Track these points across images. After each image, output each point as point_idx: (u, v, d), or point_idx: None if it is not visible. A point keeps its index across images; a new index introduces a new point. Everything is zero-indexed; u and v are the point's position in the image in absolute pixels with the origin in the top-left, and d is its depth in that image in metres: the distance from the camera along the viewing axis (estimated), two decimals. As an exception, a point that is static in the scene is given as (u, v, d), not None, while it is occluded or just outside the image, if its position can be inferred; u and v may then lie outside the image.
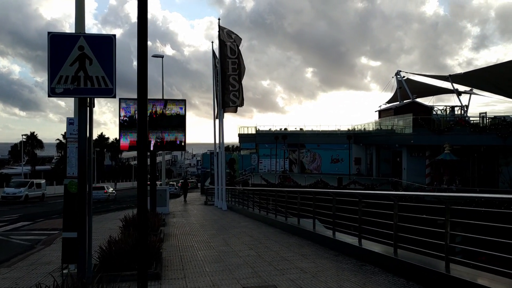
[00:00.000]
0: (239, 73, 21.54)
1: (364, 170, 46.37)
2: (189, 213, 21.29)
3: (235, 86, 21.41)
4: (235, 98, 21.39)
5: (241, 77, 21.65)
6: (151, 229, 11.14)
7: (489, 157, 31.24)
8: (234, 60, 21.36)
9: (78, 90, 4.66)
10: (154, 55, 28.98)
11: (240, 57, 21.74)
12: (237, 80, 21.44)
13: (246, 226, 14.07)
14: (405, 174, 34.96)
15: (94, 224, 16.81)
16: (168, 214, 20.49)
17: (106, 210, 29.58)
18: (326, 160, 48.07)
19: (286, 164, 46.99)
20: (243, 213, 18.89)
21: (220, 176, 23.26)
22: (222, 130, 22.69)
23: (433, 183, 29.86)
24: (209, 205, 27.67)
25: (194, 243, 10.46)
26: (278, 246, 9.49)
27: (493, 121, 32.54)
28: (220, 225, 14.90)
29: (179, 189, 47.33)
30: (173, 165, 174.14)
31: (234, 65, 21.43)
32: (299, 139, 48.61)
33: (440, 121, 34.62)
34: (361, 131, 47.22)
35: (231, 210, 22.15)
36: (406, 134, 33.38)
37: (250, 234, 11.80)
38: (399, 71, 45.19)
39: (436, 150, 31.81)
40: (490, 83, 38.47)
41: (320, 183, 33.50)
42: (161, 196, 21.24)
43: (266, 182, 35.37)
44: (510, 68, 33.20)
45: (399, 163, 38.55)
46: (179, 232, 13.08)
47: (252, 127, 51.82)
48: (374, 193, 8.18)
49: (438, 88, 45.49)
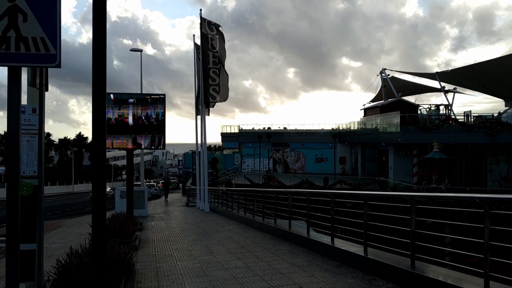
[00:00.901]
0: (220, 67, 20.37)
1: (349, 170, 45.65)
2: (169, 216, 19.99)
3: (215, 80, 20.22)
4: (215, 93, 20.18)
5: (221, 70, 20.48)
6: (123, 235, 9.86)
7: (477, 155, 30.74)
8: (215, 53, 20.16)
9: (7, 56, 3.39)
10: (132, 49, 27.59)
11: (222, 50, 20.54)
12: (217, 73, 20.26)
13: (231, 230, 12.88)
14: (391, 173, 34.24)
15: (64, 229, 15.42)
16: (147, 217, 19.16)
17: (81, 212, 28.01)
18: (310, 159, 47.18)
19: (270, 164, 45.93)
20: (227, 215, 17.69)
21: (202, 176, 22.01)
22: (204, 128, 21.46)
23: (421, 182, 29.17)
24: (191, 206, 26.38)
25: (173, 252, 9.23)
26: (269, 255, 8.34)
27: (477, 119, 32.10)
28: (203, 229, 13.68)
29: (159, 190, 45.79)
30: (154, 165, 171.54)
31: (215, 58, 20.22)
32: (283, 138, 47.60)
33: (426, 120, 34.04)
34: (346, 129, 46.47)
35: (214, 212, 20.92)
36: (393, 132, 32.63)
37: (236, 239, 10.63)
38: (384, 69, 44.52)
39: (424, 149, 31.17)
40: (476, 81, 38.12)
41: (306, 183, 32.50)
42: (139, 198, 19.88)
43: (250, 182, 34.21)
44: (498, 65, 32.82)
45: (385, 162, 37.87)
46: (157, 238, 11.82)
47: (235, 126, 50.62)
48: (381, 195, 7.11)
49: (423, 86, 45.04)
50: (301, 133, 48.97)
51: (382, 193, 16.65)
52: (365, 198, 6.89)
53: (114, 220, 10.51)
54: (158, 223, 16.55)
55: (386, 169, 36.83)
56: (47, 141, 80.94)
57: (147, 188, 21.08)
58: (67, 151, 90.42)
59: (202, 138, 21.86)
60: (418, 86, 45.43)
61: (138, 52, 27.22)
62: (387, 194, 8.27)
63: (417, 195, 6.64)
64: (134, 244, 9.76)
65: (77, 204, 36.23)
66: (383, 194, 16.05)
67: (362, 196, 6.95)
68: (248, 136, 47.21)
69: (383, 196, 15.89)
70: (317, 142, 46.90)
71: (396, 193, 9.15)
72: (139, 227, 13.94)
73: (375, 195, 11.84)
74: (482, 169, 30.54)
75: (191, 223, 16.10)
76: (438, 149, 26.77)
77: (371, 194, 7.02)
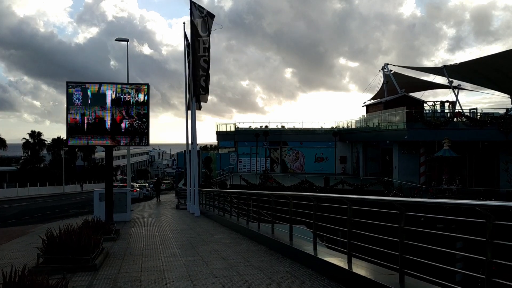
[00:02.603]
0: (209, 55, 18.34)
1: (350, 169, 43.65)
2: (154, 220, 17.91)
3: (205, 69, 18.18)
4: (204, 83, 18.14)
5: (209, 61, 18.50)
6: (81, 251, 7.81)
7: (488, 154, 28.76)
8: (205, 39, 18.09)
9: None
10: (118, 38, 25.43)
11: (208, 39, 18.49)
12: (207, 61, 18.22)
13: (220, 240, 10.83)
14: (396, 173, 32.23)
15: (25, 239, 13.25)
16: (129, 222, 17.08)
17: (63, 215, 25.84)
18: (309, 159, 45.19)
19: (268, 164, 43.89)
20: (218, 220, 15.62)
21: (192, 176, 19.94)
22: (194, 123, 19.38)
23: (430, 183, 27.15)
24: (181, 209, 24.31)
25: (142, 274, 7.16)
26: (265, 280, 6.29)
27: (484, 116, 30.15)
28: (187, 238, 11.61)
29: (151, 191, 43.67)
30: (150, 165, 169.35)
31: (205, 45, 18.16)
32: (281, 137, 45.58)
33: (431, 116, 32.06)
34: (347, 127, 44.48)
35: (204, 216, 18.86)
36: (398, 129, 30.59)
37: (225, 255, 8.57)
38: (386, 64, 42.53)
39: (431, 147, 29.19)
40: (484, 76, 36.17)
41: (305, 183, 30.46)
42: (120, 201, 17.81)
43: (246, 182, 32.19)
44: (508, 58, 30.87)
45: (389, 161, 35.88)
46: (130, 251, 9.74)
47: (231, 125, 48.57)
48: (424, 202, 5.07)
49: (427, 83, 43.10)
50: (300, 131, 46.98)
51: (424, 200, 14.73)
52: (402, 208, 4.85)
53: (71, 231, 8.43)
54: (138, 230, 14.47)
55: (389, 168, 34.83)
56: (37, 140, 78.61)
57: (130, 190, 19.02)
58: (60, 151, 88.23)
59: (192, 135, 19.79)
60: (421, 83, 43.46)
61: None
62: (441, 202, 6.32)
63: (406, 200, 4.65)
64: (92, 262, 7.69)
65: (62, 206, 34.03)
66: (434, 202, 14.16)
67: (397, 205, 4.90)
68: (244, 134, 45.18)
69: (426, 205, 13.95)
70: (316, 141, 44.96)
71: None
72: (112, 236, 11.88)
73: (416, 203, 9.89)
74: (494, 169, 28.55)
75: (176, 230, 14.02)
76: (448, 146, 24.77)
77: (409, 202, 4.99)
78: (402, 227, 4.84)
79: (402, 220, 4.85)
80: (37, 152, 79.20)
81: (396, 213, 4.92)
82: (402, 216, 4.86)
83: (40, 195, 55.18)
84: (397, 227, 4.88)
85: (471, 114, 33.19)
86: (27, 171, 71.81)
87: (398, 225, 4.87)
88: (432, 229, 4.92)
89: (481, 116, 30.46)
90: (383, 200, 5.13)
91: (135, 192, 35.99)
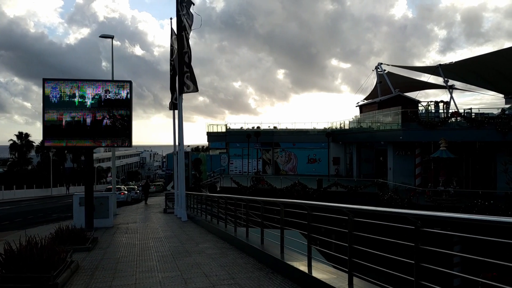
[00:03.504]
0: (190, 51, 17.40)
1: (343, 171, 42.78)
2: (138, 226, 16.88)
3: (188, 65, 17.20)
4: (188, 81, 17.14)
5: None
6: (43, 267, 6.80)
7: (485, 154, 28.04)
8: (188, 33, 17.13)
9: None
10: (102, 35, 24.37)
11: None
12: (189, 57, 17.26)
13: (205, 250, 9.86)
14: (391, 175, 31.41)
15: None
16: (111, 228, 16.03)
17: (44, 221, 24.69)
18: (302, 160, 44.27)
19: (259, 165, 42.93)
20: (206, 226, 14.64)
21: (179, 179, 18.93)
22: (181, 122, 18.36)
23: (426, 185, 26.35)
24: (169, 213, 23.31)
25: (109, 295, 6.17)
26: (251, 305, 5.34)
27: (478, 117, 29.45)
28: (170, 248, 10.62)
29: (140, 194, 42.50)
30: (141, 167, 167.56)
31: (188, 41, 17.19)
32: (273, 138, 44.61)
33: (426, 117, 31.29)
34: (340, 128, 43.64)
35: (192, 221, 17.86)
36: (393, 129, 29.74)
37: (207, 270, 7.60)
38: (380, 64, 41.71)
39: (427, 148, 28.43)
40: (479, 75, 35.53)
41: (298, 185, 29.55)
42: (102, 206, 16.73)
43: (237, 185, 31.20)
44: (504, 57, 30.23)
45: (383, 162, 35.08)
46: (103, 264, 8.74)
47: (222, 125, 47.51)
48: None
49: (422, 83, 42.39)
50: (292, 132, 46.06)
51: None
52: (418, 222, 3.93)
53: (33, 242, 7.39)
54: (119, 237, 13.44)
55: (384, 170, 34.02)
56: (25, 142, 76.98)
57: (118, 193, 17.97)
58: (49, 153, 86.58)
59: (179, 136, 18.77)
60: (416, 83, 42.74)
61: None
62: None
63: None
64: (54, 281, 6.67)
65: (47, 210, 32.78)
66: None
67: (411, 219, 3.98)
68: (236, 135, 44.15)
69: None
70: (309, 142, 44.04)
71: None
72: (87, 246, 10.85)
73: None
74: (491, 170, 27.84)
75: (159, 238, 13.01)
76: (445, 147, 23.98)
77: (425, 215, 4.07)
78: (418, 246, 3.92)
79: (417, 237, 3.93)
80: (25, 154, 77.54)
81: (412, 228, 3.99)
82: (417, 233, 3.94)
83: (26, 198, 53.67)
84: (413, 245, 3.96)
85: (466, 114, 32.49)
86: (14, 173, 70.20)
87: (413, 244, 3.95)
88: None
89: (477, 116, 29.75)
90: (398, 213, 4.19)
91: (122, 195, 34.84)
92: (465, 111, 32.73)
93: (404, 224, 4.18)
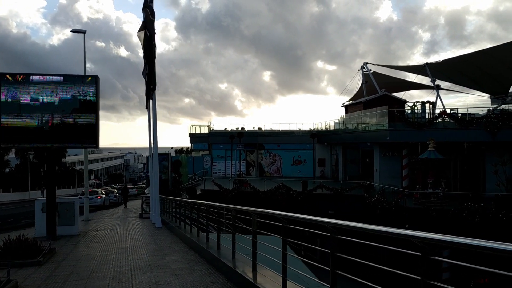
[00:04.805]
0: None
1: (329, 173, 41.84)
2: (107, 234, 15.55)
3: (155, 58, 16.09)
4: (153, 77, 16.00)
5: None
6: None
7: (473, 155, 27.29)
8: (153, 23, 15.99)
9: None
10: (73, 29, 22.97)
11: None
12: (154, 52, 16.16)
13: (170, 265, 8.66)
14: (377, 176, 30.49)
15: None
16: (76, 237, 14.69)
17: (12, 227, 23.08)
18: (287, 161, 43.22)
19: (243, 167, 41.74)
20: (179, 234, 13.41)
21: (153, 182, 17.67)
22: (155, 120, 17.11)
23: (414, 186, 25.47)
24: (145, 218, 21.97)
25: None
26: None
27: (468, 116, 28.75)
28: (131, 262, 9.39)
29: (119, 197, 40.96)
30: (125, 169, 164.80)
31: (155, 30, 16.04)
32: (257, 139, 43.44)
33: (412, 117, 30.48)
34: (326, 129, 42.70)
35: (166, 227, 16.61)
36: (379, 130, 28.83)
37: (166, 292, 6.41)
38: (365, 63, 40.94)
39: (414, 148, 27.58)
40: (465, 75, 34.93)
41: (282, 188, 28.44)
42: (67, 212, 15.37)
43: (219, 188, 29.94)
44: (492, 56, 29.61)
45: (369, 164, 34.19)
46: (47, 284, 7.48)
47: (205, 126, 46.19)
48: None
49: (408, 83, 41.66)
50: (277, 133, 44.93)
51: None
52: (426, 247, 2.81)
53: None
54: (81, 248, 12.13)
55: (370, 171, 33.12)
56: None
57: (79, 199, 16.58)
58: (30, 155, 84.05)
59: (153, 136, 17.50)
60: (402, 83, 42.05)
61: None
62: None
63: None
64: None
65: (18, 215, 31.08)
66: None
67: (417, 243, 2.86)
68: (218, 136, 42.88)
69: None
70: (294, 143, 43.00)
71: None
72: (38, 260, 9.55)
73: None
74: (480, 171, 27.10)
75: (124, 248, 11.74)
76: (434, 148, 23.12)
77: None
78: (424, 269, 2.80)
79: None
80: (2, 156, 74.98)
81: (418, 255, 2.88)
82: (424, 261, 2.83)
83: (1, 202, 51.56)
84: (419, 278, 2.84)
85: (453, 114, 31.78)
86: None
87: (420, 277, 2.83)
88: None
89: (465, 116, 29.04)
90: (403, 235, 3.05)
91: (99, 199, 33.36)
92: (451, 111, 32.06)
93: (408, 249, 3.07)
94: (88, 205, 23.03)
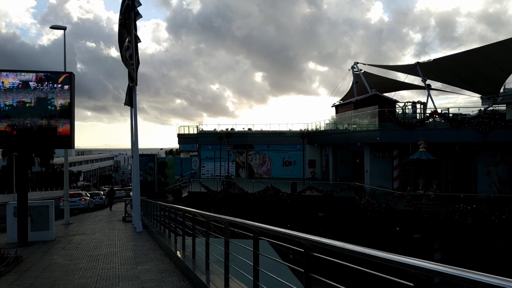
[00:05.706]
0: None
1: (319, 174, 41.25)
2: (84, 239, 14.75)
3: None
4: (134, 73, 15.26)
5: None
6: None
7: (465, 156, 26.84)
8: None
9: None
10: (53, 26, 22.13)
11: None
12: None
13: (140, 276, 7.93)
14: (368, 178, 29.94)
15: None
16: (50, 242, 13.88)
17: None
18: (277, 162, 42.57)
19: (232, 168, 41.03)
20: (158, 241, 12.66)
21: (133, 184, 16.91)
22: (136, 119, 16.35)
23: (404, 188, 24.95)
24: (128, 221, 21.19)
25: None
26: None
27: (459, 116, 28.34)
28: (100, 272, 8.64)
29: (105, 199, 40.01)
30: (115, 171, 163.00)
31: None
32: (246, 140, 42.74)
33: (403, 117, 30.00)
34: (316, 130, 42.11)
35: (147, 231, 15.85)
36: (370, 130, 28.30)
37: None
38: (356, 63, 40.48)
39: (405, 149, 27.06)
40: (456, 75, 34.58)
41: (271, 189, 27.78)
42: (41, 216, 14.55)
43: (207, 189, 29.25)
44: (484, 55, 29.24)
45: (360, 165, 33.64)
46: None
47: (194, 127, 45.33)
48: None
49: (398, 83, 41.26)
50: (267, 134, 44.25)
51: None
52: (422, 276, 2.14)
53: None
54: (51, 255, 11.33)
55: (360, 172, 32.57)
56: (-13, 145, 72.93)
57: (53, 202, 15.75)
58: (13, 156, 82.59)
59: (134, 135, 16.73)
60: (392, 83, 41.67)
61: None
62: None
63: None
64: None
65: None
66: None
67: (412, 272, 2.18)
68: (207, 137, 42.09)
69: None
70: (284, 144, 42.35)
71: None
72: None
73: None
74: (472, 172, 26.65)
75: (96, 256, 10.97)
76: (425, 148, 22.62)
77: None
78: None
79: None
80: (-13, 158, 73.64)
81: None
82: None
83: (-16, 204, 50.23)
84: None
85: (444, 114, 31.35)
86: None
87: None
88: None
89: (456, 116, 28.61)
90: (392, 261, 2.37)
91: (83, 201, 32.43)
92: (442, 111, 31.64)
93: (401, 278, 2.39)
94: (68, 208, 22.15)
